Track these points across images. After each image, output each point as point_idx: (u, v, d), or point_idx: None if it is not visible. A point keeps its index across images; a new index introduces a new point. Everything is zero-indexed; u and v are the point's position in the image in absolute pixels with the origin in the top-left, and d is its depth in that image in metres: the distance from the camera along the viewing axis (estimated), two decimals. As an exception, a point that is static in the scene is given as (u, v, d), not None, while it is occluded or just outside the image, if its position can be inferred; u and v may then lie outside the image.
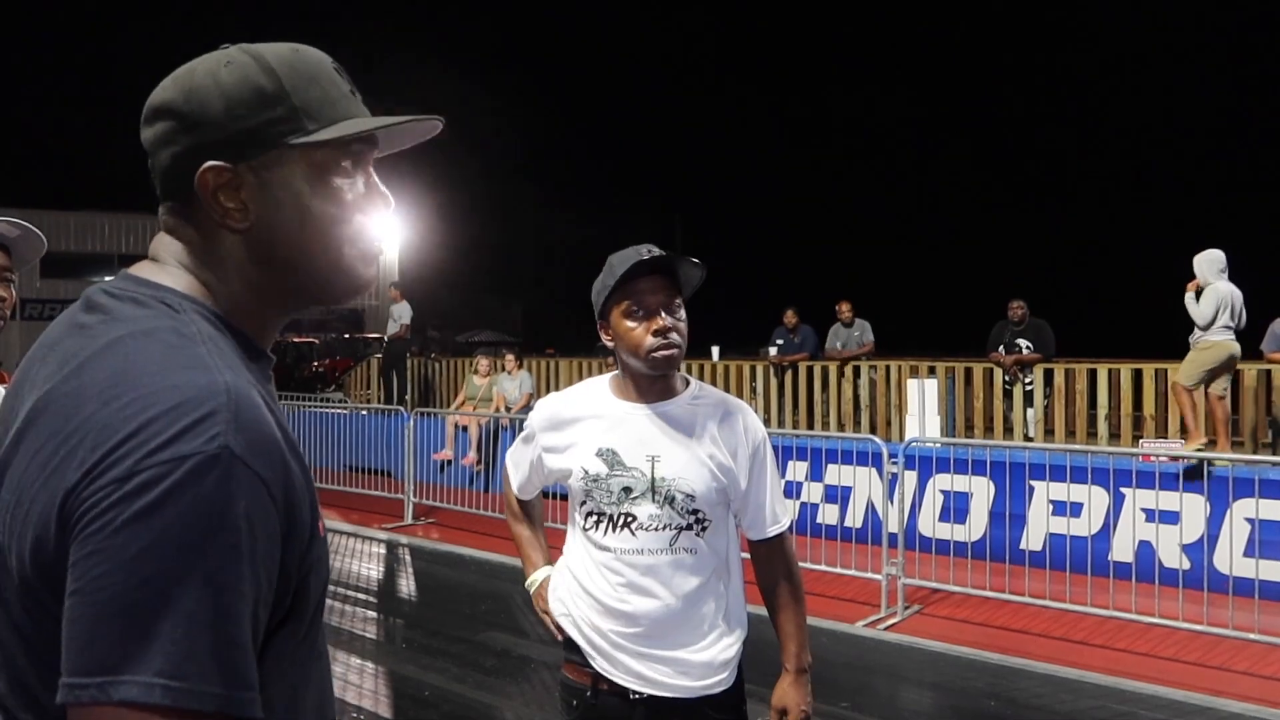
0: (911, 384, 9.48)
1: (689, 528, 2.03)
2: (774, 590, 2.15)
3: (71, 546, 0.76)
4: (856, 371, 10.55)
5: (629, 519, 2.03)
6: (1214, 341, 7.47)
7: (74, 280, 31.60)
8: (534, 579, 2.30)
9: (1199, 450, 7.50)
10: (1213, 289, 7.45)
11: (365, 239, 1.01)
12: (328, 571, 0.96)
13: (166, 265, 0.96)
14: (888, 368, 10.36)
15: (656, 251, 2.01)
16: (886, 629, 5.92)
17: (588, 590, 2.09)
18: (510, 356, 12.17)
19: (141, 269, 0.97)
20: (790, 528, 2.16)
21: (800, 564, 6.93)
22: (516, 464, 2.30)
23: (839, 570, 6.68)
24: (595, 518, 2.08)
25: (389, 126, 0.99)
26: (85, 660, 0.74)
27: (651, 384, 2.07)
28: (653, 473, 2.03)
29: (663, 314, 1.99)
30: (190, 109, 0.94)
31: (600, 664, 2.06)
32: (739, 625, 2.12)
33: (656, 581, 2.03)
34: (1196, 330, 7.52)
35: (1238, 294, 7.48)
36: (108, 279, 0.99)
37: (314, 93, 0.97)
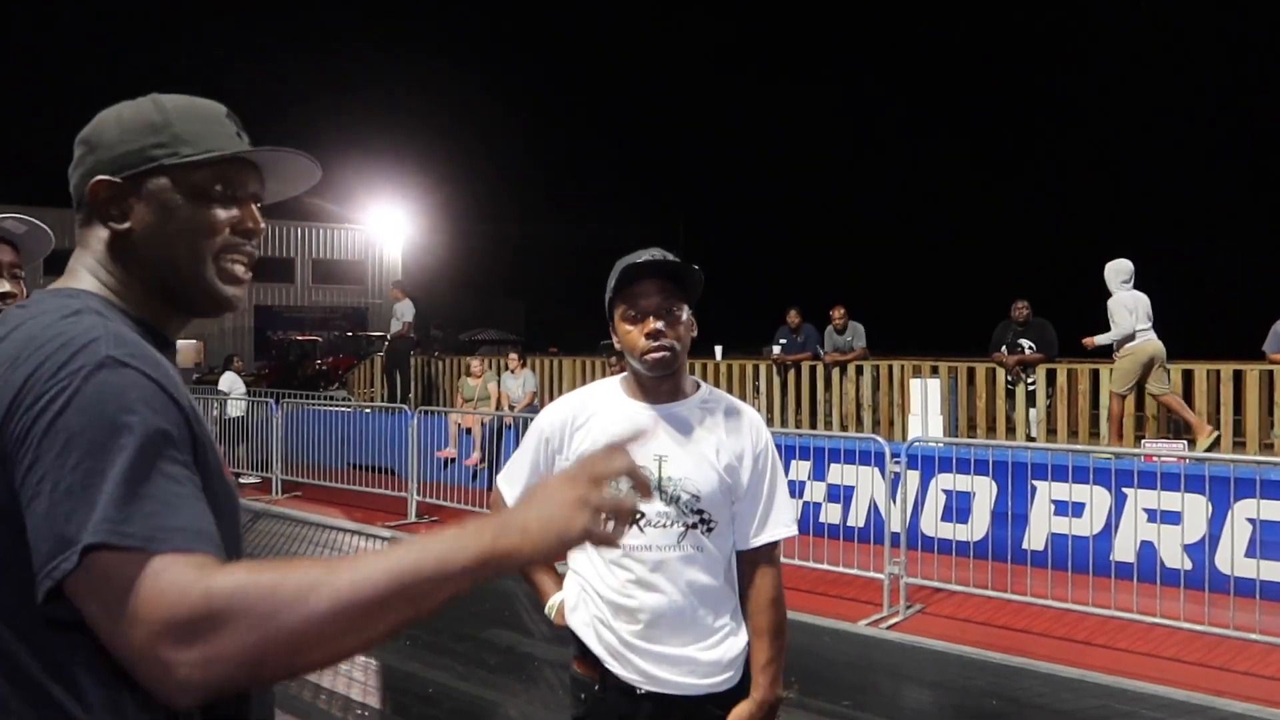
0: (914, 384, 9.50)
1: (694, 527, 2.06)
2: (755, 614, 2.09)
3: (15, 475, 0.92)
4: (859, 371, 10.56)
5: (641, 515, 2.05)
6: (1136, 344, 8.02)
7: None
8: (552, 603, 2.26)
9: (1211, 439, 7.61)
10: (1117, 301, 8.06)
11: (229, 259, 1.18)
12: (234, 518, 1.11)
13: (75, 272, 1.16)
14: (890, 367, 10.37)
15: (657, 255, 2.04)
16: (889, 628, 5.93)
17: (595, 589, 2.11)
18: (514, 355, 12.19)
19: (55, 282, 1.16)
20: (777, 550, 2.10)
21: (803, 563, 6.87)
22: (512, 479, 2.24)
23: (841, 569, 6.70)
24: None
25: (248, 153, 1.17)
26: (52, 546, 0.89)
27: (659, 385, 2.10)
28: (660, 472, 2.05)
29: (653, 317, 2.03)
30: (93, 136, 1.16)
31: (607, 660, 2.08)
32: (740, 627, 2.11)
33: (664, 578, 2.05)
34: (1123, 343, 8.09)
35: (1142, 297, 8.06)
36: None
37: (195, 126, 1.16)
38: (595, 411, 2.13)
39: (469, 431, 10.80)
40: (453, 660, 5.27)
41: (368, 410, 11.89)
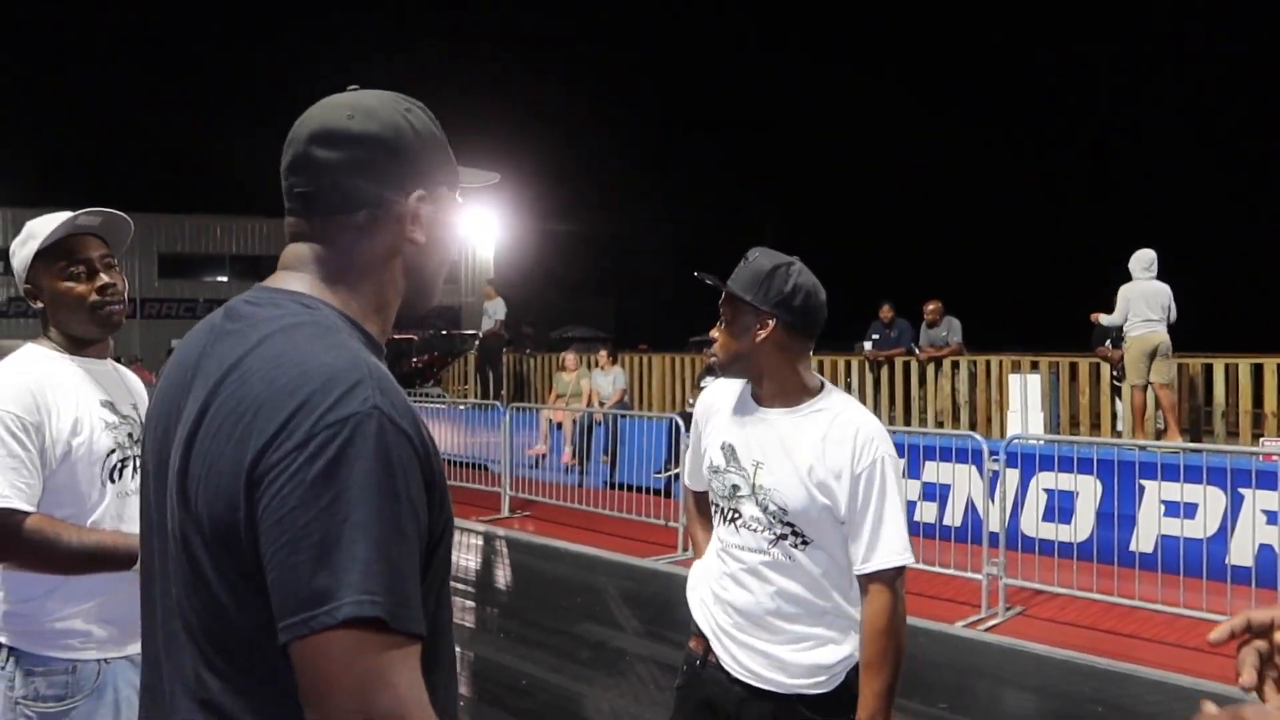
0: (1013, 379, 9.22)
1: (784, 538, 2.03)
2: (865, 640, 1.99)
3: (262, 506, 0.92)
4: (955, 367, 10.30)
5: (736, 515, 2.10)
6: (1135, 337, 8.13)
7: (189, 280, 33.11)
8: (691, 574, 2.38)
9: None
10: (1124, 290, 8.20)
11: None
12: (452, 537, 1.12)
13: (300, 273, 1.11)
14: (988, 363, 10.09)
15: (753, 257, 2.11)
16: (986, 630, 5.78)
17: (708, 572, 2.20)
18: (604, 352, 12.27)
19: (275, 280, 1.13)
20: (891, 573, 1.97)
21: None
22: (689, 453, 2.38)
23: (937, 569, 6.55)
24: (715, 507, 2.19)
25: (481, 184, 1.27)
26: (305, 596, 0.89)
27: (763, 388, 2.11)
28: (754, 477, 2.07)
29: (718, 325, 2.12)
30: (396, 141, 1.10)
31: (711, 640, 2.15)
32: (846, 637, 2.06)
33: (753, 579, 2.07)
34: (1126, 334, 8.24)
35: (1160, 290, 8.12)
36: (247, 291, 1.13)
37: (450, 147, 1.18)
38: (725, 404, 2.20)
39: (560, 426, 10.92)
40: (545, 654, 5.34)
41: (461, 407, 12.12)
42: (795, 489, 2.01)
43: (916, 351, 10.60)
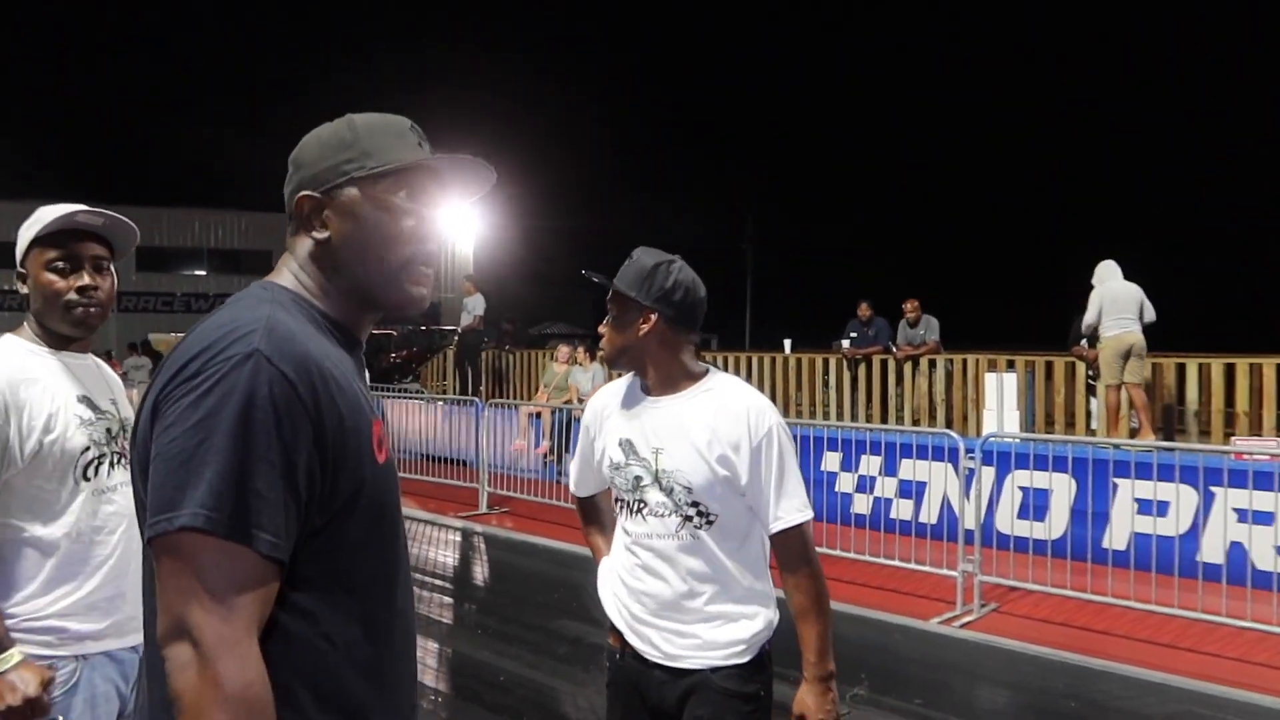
0: (989, 378, 9.28)
1: (690, 519, 2.12)
2: (789, 595, 2.14)
3: (155, 434, 1.09)
4: (932, 365, 10.37)
5: (641, 505, 2.17)
6: (1109, 337, 8.30)
7: (167, 274, 32.78)
8: (599, 573, 2.43)
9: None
10: (1096, 294, 8.42)
11: (415, 262, 1.29)
12: (394, 497, 1.25)
13: (281, 271, 1.30)
14: (965, 361, 10.16)
15: (637, 258, 2.19)
16: (962, 626, 5.81)
17: (616, 568, 2.28)
18: (583, 349, 12.25)
19: (267, 276, 1.30)
20: (802, 529, 2.11)
21: (873, 559, 6.79)
22: (574, 462, 2.45)
23: (913, 566, 6.58)
24: (619, 503, 2.26)
25: (424, 161, 1.28)
26: (159, 502, 1.05)
27: (657, 378, 2.18)
28: (656, 464, 2.15)
29: (605, 322, 2.21)
30: (298, 156, 1.31)
31: (626, 632, 2.22)
32: (760, 611, 2.16)
33: (664, 564, 2.15)
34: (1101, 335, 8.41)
35: (1132, 291, 8.32)
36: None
37: (380, 141, 1.28)
38: (616, 404, 2.28)
39: (538, 416, 10.90)
40: (523, 649, 5.33)
41: (440, 402, 12.08)
42: (697, 466, 2.09)
43: (894, 350, 10.66)
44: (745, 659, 2.12)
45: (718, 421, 2.10)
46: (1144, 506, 6.51)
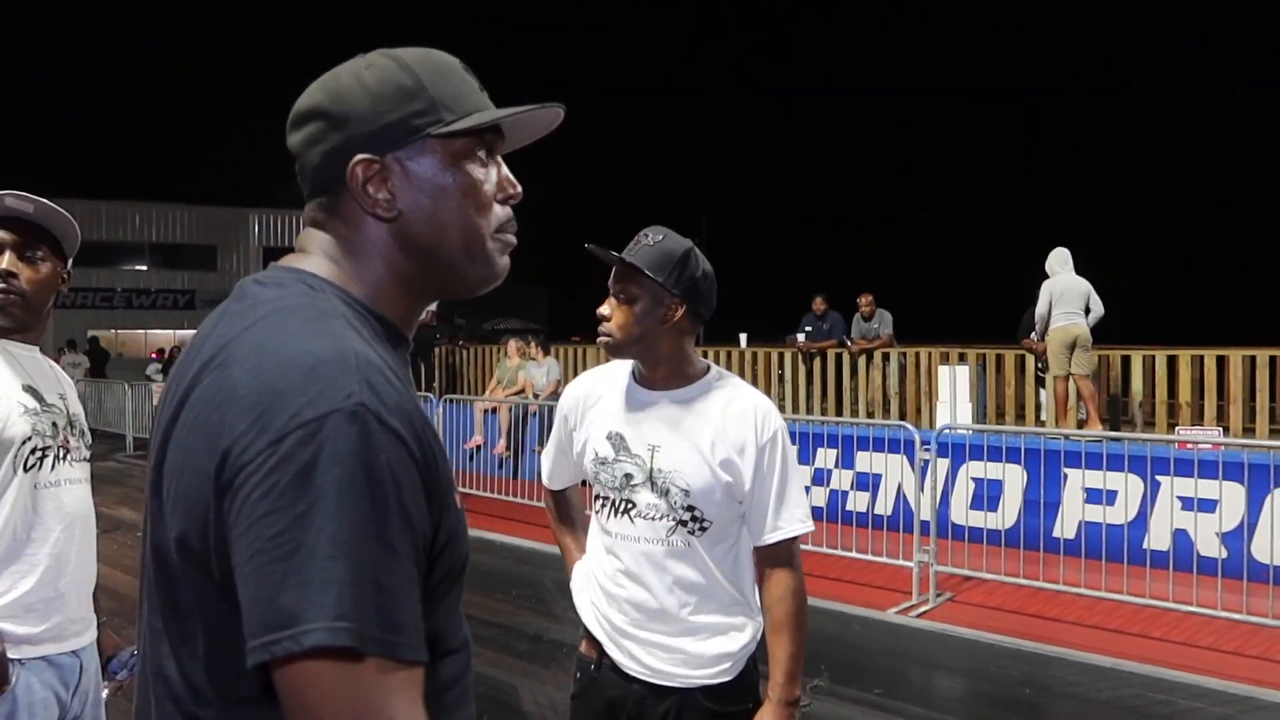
0: (942, 370, 9.41)
1: (684, 524, 1.97)
2: (770, 608, 2.01)
3: (232, 512, 0.82)
4: (885, 358, 10.48)
5: (629, 505, 2.01)
6: (1055, 329, 8.51)
7: (105, 268, 31.94)
8: (575, 577, 2.27)
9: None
10: (1046, 285, 8.59)
11: (502, 228, 1.07)
12: (466, 546, 1.01)
13: (311, 255, 1.02)
14: (918, 355, 10.28)
15: (646, 239, 2.00)
16: (919, 616, 5.89)
17: (594, 572, 2.11)
18: (535, 344, 12.19)
19: (288, 260, 1.04)
20: (795, 542, 2.00)
21: (830, 550, 6.82)
22: (548, 452, 2.27)
23: (870, 557, 6.65)
24: (601, 501, 2.08)
25: (520, 114, 1.04)
26: (273, 615, 0.79)
27: (655, 370, 2.03)
28: (651, 462, 1.99)
29: (608, 302, 2.01)
30: (338, 108, 1.01)
31: (605, 643, 2.08)
32: (748, 623, 2.04)
33: (651, 571, 2.00)
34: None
35: (1079, 284, 8.49)
36: (261, 270, 1.04)
37: (448, 88, 1.02)
38: (604, 394, 2.11)
39: (494, 411, 10.82)
40: (481, 646, 5.28)
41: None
42: (698, 468, 1.96)
43: (848, 343, 10.75)
44: (731, 676, 2.01)
45: (724, 422, 1.97)
46: (1093, 495, 6.65)
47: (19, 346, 2.08)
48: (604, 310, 2.01)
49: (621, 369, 2.13)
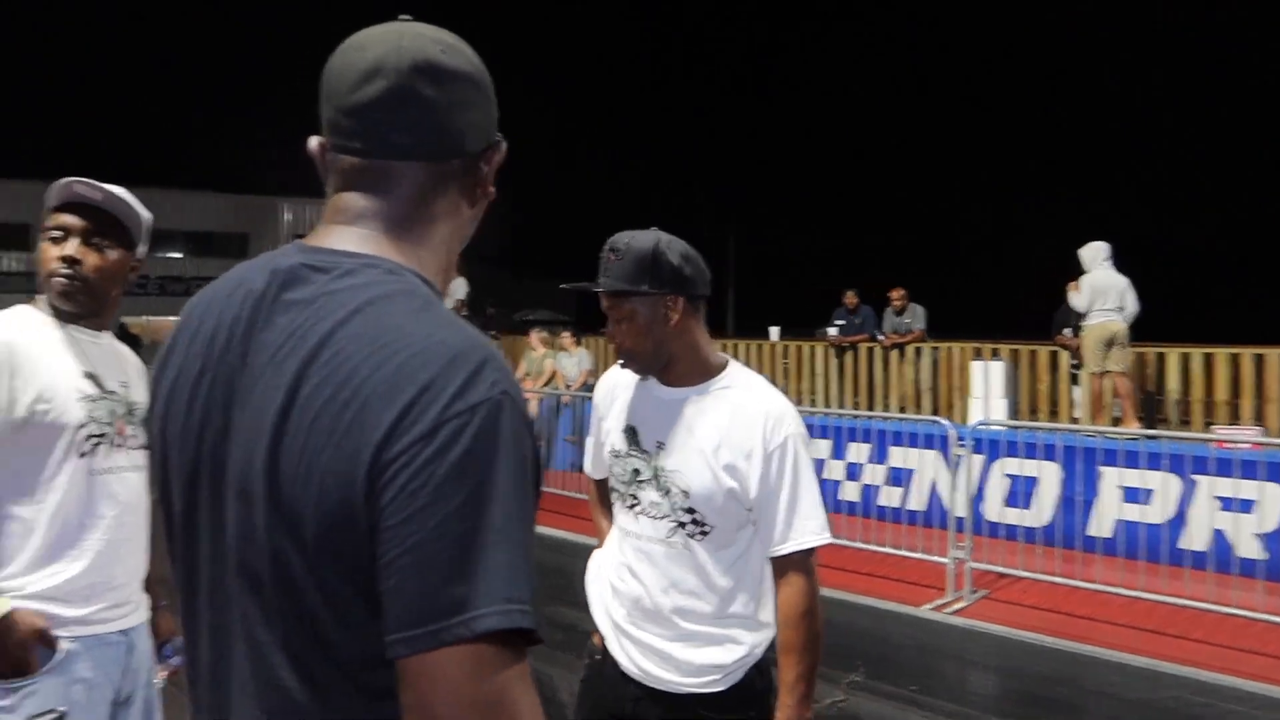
0: (975, 366, 9.35)
1: (683, 525, 1.93)
2: (779, 627, 1.92)
3: (383, 506, 0.80)
4: (918, 353, 10.42)
5: (635, 501, 1.99)
6: (1092, 325, 8.43)
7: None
8: (590, 566, 2.29)
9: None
10: (1088, 279, 8.46)
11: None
12: None
13: (364, 229, 0.96)
14: (950, 350, 10.22)
15: (620, 244, 1.95)
16: (953, 613, 5.87)
17: (606, 565, 2.11)
18: (567, 334, 12.21)
19: (333, 236, 0.97)
20: (810, 555, 1.91)
21: (864, 545, 6.76)
22: (588, 441, 2.26)
23: (904, 553, 6.63)
24: (615, 493, 2.07)
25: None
26: (440, 602, 0.78)
27: (678, 366, 1.98)
28: (656, 460, 1.96)
29: (611, 321, 1.98)
30: (485, 83, 1.00)
31: (608, 638, 2.07)
32: (748, 635, 1.97)
33: (649, 569, 1.96)
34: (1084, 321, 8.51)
35: (1117, 280, 8.41)
36: (298, 251, 0.96)
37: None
38: (623, 390, 2.09)
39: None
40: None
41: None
42: (699, 471, 1.90)
43: (880, 338, 10.70)
44: (725, 686, 1.94)
45: (730, 425, 1.90)
46: (1129, 494, 6.59)
47: (84, 332, 2.10)
48: (609, 335, 1.99)
49: None
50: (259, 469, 0.87)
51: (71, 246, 2.04)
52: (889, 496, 7.62)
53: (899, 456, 7.74)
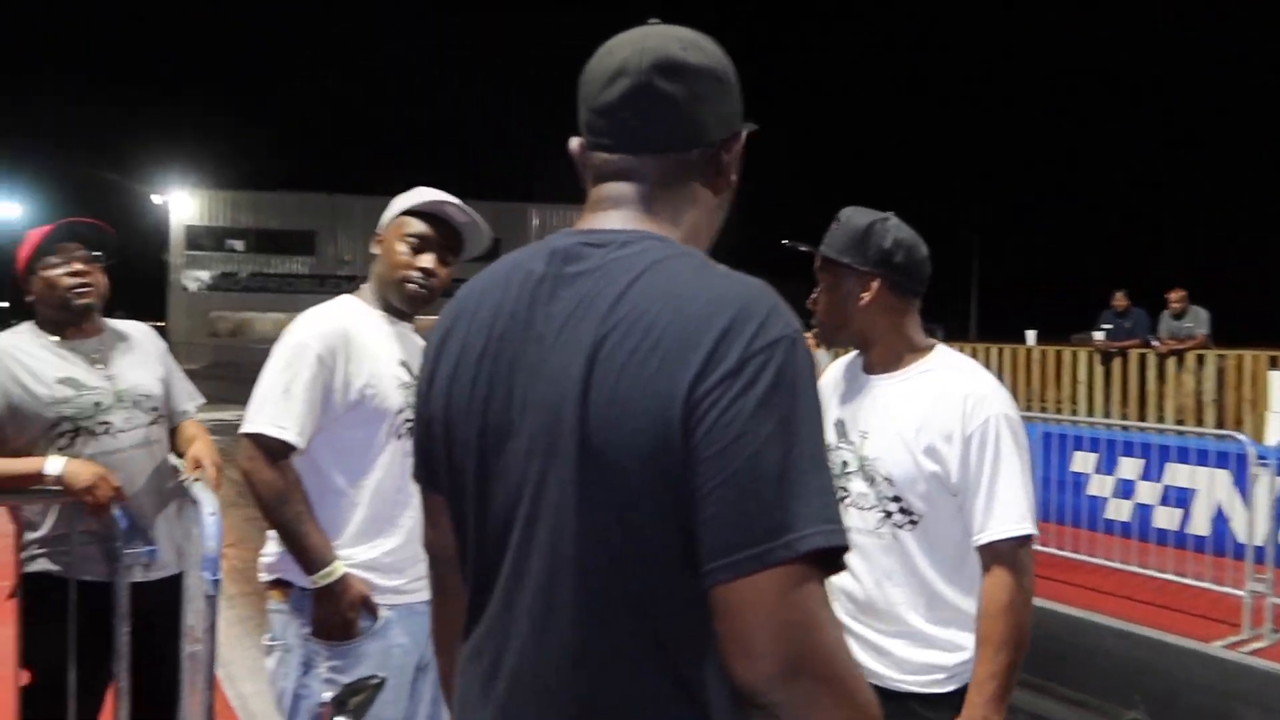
0: (1273, 376, 8.33)
1: (890, 515, 1.88)
2: (980, 618, 1.81)
3: (697, 439, 0.86)
4: (1200, 361, 9.42)
5: (844, 495, 1.96)
6: None
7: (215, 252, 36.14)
8: None
9: None
10: None
11: None
12: None
13: (627, 212, 1.04)
14: (1240, 358, 9.16)
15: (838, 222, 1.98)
16: (1252, 653, 5.20)
17: None
18: (809, 335, 12.04)
19: (597, 219, 1.05)
20: (1016, 547, 1.79)
21: (1141, 570, 6.13)
22: None
23: (1190, 581, 5.96)
24: None
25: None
26: (762, 525, 0.84)
27: (877, 351, 1.98)
28: (861, 450, 1.94)
29: (815, 296, 2.00)
30: (729, 77, 1.06)
31: None
32: (971, 637, 1.84)
33: (860, 562, 1.92)
34: None
35: None
36: (569, 236, 1.04)
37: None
38: (834, 383, 2.09)
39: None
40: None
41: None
42: (900, 455, 1.86)
43: (1155, 343, 9.78)
44: (949, 688, 1.86)
45: (932, 408, 1.86)
46: None
47: (403, 327, 2.30)
48: (811, 303, 2.00)
49: (855, 356, 2.09)
50: (569, 424, 0.92)
51: (430, 260, 2.23)
52: (1167, 518, 6.90)
53: (1179, 474, 6.99)
